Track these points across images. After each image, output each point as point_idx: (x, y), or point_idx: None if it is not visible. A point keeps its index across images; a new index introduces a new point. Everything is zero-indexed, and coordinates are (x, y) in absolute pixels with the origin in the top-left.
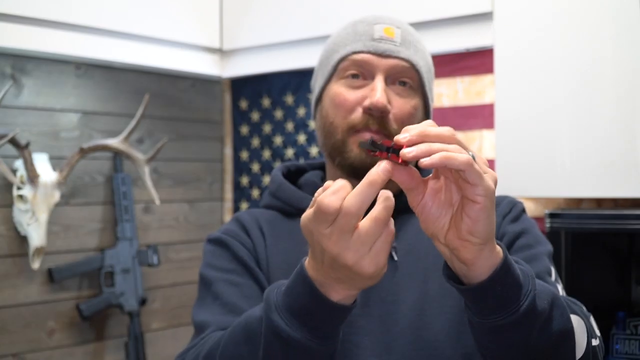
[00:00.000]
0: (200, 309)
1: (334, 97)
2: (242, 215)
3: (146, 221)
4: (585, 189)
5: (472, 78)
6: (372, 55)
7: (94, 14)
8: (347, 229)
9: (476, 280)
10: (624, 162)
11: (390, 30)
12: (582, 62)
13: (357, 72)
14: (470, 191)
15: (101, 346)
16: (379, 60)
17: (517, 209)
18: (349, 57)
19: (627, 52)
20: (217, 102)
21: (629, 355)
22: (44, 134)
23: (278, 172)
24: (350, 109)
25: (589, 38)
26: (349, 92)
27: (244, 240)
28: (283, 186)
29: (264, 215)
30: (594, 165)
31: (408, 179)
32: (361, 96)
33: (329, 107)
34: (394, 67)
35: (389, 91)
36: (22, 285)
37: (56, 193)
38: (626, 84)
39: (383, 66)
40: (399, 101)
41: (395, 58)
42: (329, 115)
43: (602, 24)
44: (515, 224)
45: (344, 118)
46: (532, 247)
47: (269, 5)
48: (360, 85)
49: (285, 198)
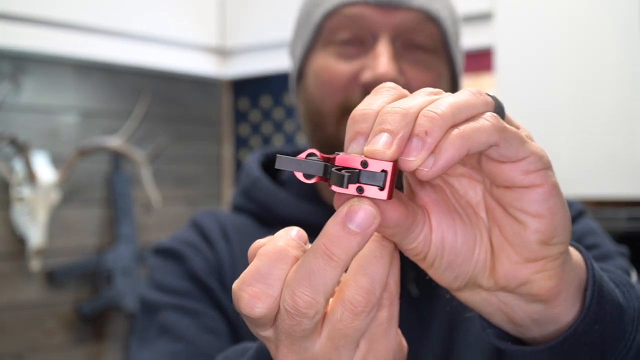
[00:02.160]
0: (140, 347)
1: (319, 72)
2: (202, 219)
3: (146, 221)
4: (585, 189)
5: (472, 78)
6: (372, 8)
7: (94, 14)
8: (300, 334)
9: (559, 323)
10: (624, 161)
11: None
12: (582, 62)
13: (351, 35)
14: (515, 172)
15: (101, 346)
16: (381, 15)
17: (574, 209)
18: (338, 12)
19: (627, 52)
20: (217, 102)
21: None
22: (44, 134)
23: (254, 162)
24: (343, 86)
25: (589, 38)
26: (340, 64)
27: (204, 252)
28: (259, 183)
29: (233, 221)
30: (594, 165)
31: (402, 215)
32: (359, 67)
33: (314, 87)
34: (404, 22)
35: (399, 59)
36: (22, 285)
37: (56, 193)
38: (626, 84)
39: (388, 24)
40: (415, 72)
41: (406, 9)
42: (315, 98)
43: (602, 24)
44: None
45: (335, 100)
46: (600, 246)
47: (269, 6)
48: (356, 54)
49: (260, 199)
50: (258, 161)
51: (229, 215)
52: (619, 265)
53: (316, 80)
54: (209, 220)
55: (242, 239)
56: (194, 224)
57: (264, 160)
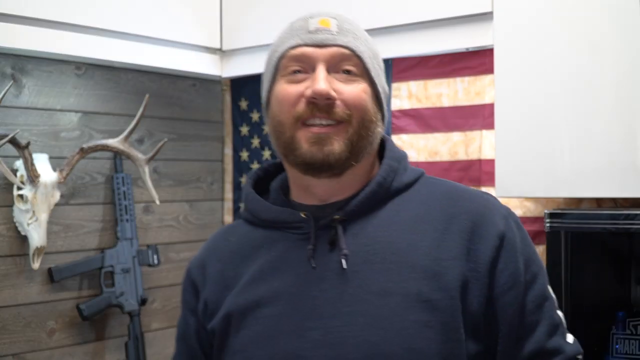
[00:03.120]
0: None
1: (278, 94)
2: (191, 269)
3: (146, 221)
4: (585, 189)
5: (472, 78)
6: (310, 47)
7: (94, 14)
8: None
9: None
10: (624, 162)
11: (325, 21)
12: (582, 62)
13: (299, 67)
14: None
15: (101, 346)
16: (317, 51)
17: (512, 248)
18: (287, 53)
19: (627, 52)
20: (217, 102)
21: (628, 355)
22: (44, 134)
23: (250, 179)
24: (294, 101)
25: (589, 38)
26: (292, 86)
27: (192, 308)
28: (249, 196)
29: (235, 232)
30: (594, 165)
31: None
32: (304, 88)
33: (275, 106)
34: (334, 55)
35: (332, 79)
36: (22, 285)
37: (56, 193)
38: (626, 84)
39: (322, 56)
40: (345, 87)
41: (334, 46)
42: (275, 114)
43: (602, 23)
44: (515, 284)
45: (289, 112)
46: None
47: (268, 6)
48: (302, 79)
49: (251, 209)
50: (252, 178)
51: (233, 227)
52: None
53: (276, 101)
54: (196, 265)
55: (239, 240)
56: (187, 270)
57: (260, 174)
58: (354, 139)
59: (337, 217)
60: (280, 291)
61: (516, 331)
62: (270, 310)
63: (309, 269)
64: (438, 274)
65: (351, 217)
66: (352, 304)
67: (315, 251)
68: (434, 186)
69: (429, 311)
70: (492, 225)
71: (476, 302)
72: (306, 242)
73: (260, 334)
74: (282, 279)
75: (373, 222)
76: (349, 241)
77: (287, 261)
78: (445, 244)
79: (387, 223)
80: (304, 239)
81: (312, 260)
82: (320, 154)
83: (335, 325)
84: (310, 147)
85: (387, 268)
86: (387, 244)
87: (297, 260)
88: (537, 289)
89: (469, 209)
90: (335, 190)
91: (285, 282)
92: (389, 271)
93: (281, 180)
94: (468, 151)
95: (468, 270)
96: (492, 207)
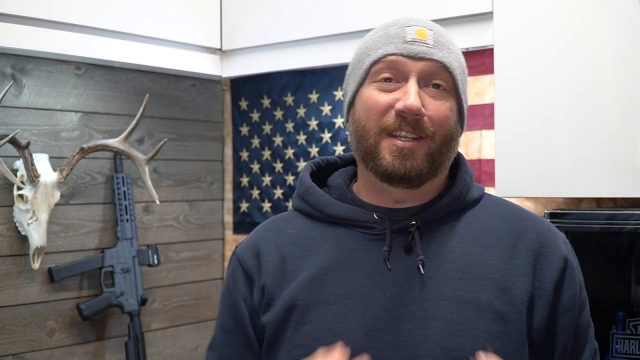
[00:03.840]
0: (208, 349)
1: (366, 100)
2: (243, 250)
3: (146, 221)
4: (585, 189)
5: (472, 78)
6: (405, 58)
7: (94, 14)
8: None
9: None
10: (624, 162)
11: (422, 32)
12: (582, 62)
13: (390, 75)
14: None
15: (101, 346)
16: (411, 63)
17: (573, 275)
18: (382, 59)
19: (627, 52)
20: (217, 102)
21: (628, 355)
22: (44, 134)
23: (306, 172)
24: (383, 111)
25: (589, 38)
26: (382, 95)
27: (245, 297)
28: (311, 190)
29: (292, 223)
30: (594, 165)
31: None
32: (394, 99)
33: (361, 111)
34: (427, 69)
35: (422, 94)
36: (23, 285)
37: (56, 193)
38: (626, 84)
39: (416, 68)
40: (433, 103)
41: (429, 60)
42: (361, 118)
43: (602, 23)
44: (580, 313)
45: (376, 121)
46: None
47: (268, 6)
48: (393, 89)
49: (313, 203)
50: (309, 172)
51: (289, 217)
52: None
53: (363, 106)
54: (249, 254)
55: (299, 232)
56: (253, 240)
57: (313, 168)
58: (435, 154)
59: (414, 222)
60: (349, 290)
61: (569, 351)
62: (339, 308)
63: (382, 270)
64: (507, 288)
65: (426, 224)
66: (426, 309)
67: (389, 253)
68: (498, 204)
69: (499, 323)
70: (556, 248)
71: (539, 319)
72: (377, 243)
73: (326, 330)
74: (352, 277)
75: (446, 232)
76: (424, 247)
77: (358, 260)
78: (514, 260)
79: (460, 235)
80: (376, 239)
81: (388, 262)
82: (403, 168)
83: (408, 328)
84: (394, 160)
85: (460, 277)
86: (460, 254)
87: (369, 261)
88: (585, 315)
89: (535, 229)
90: (410, 196)
91: (356, 281)
92: (462, 280)
93: (342, 176)
94: (468, 151)
95: (534, 288)
96: (555, 231)
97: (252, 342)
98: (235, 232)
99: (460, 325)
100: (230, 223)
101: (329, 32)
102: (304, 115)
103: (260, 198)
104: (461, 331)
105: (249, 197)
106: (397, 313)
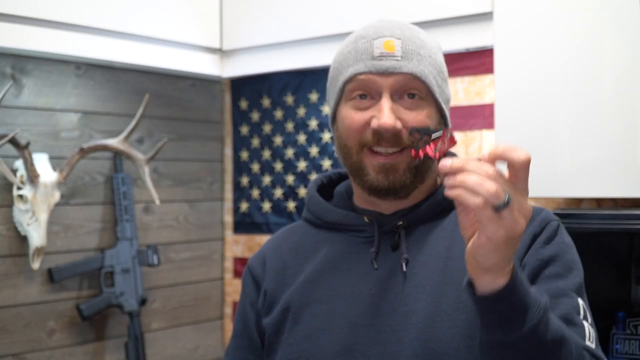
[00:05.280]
0: (224, 356)
1: (343, 119)
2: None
3: (146, 221)
4: (585, 189)
5: (472, 78)
6: (375, 75)
7: (94, 14)
8: None
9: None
10: (624, 162)
11: (390, 43)
12: (582, 62)
13: (364, 92)
14: (479, 227)
15: (101, 346)
16: (382, 79)
17: (551, 228)
18: (353, 79)
19: (627, 51)
20: (217, 102)
21: (629, 355)
22: (44, 134)
23: (313, 184)
24: (360, 129)
25: (589, 38)
26: (357, 113)
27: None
28: (313, 199)
29: (298, 232)
30: (594, 165)
31: None
32: (369, 116)
33: (342, 129)
34: (398, 83)
35: (397, 107)
36: (22, 285)
37: (56, 193)
38: (626, 84)
39: (387, 84)
40: (410, 114)
41: (399, 74)
42: (342, 136)
43: (602, 23)
44: (546, 248)
45: (355, 139)
46: (561, 277)
47: (268, 6)
48: (367, 106)
49: (314, 211)
50: (317, 184)
51: (295, 227)
52: (571, 305)
53: (342, 124)
54: (257, 261)
55: (302, 239)
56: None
57: (324, 180)
58: (418, 164)
59: (401, 223)
60: (338, 289)
61: None
62: (328, 307)
63: (370, 270)
64: None
65: (413, 224)
66: (407, 304)
67: (377, 254)
68: None
69: None
70: (538, 216)
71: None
72: (368, 245)
73: (316, 329)
74: (341, 277)
75: (434, 230)
76: (410, 246)
77: (348, 262)
78: None
79: (447, 231)
80: (366, 242)
81: (375, 262)
82: (386, 182)
83: (389, 323)
84: (377, 175)
85: (442, 270)
86: (445, 249)
87: (358, 262)
88: (567, 264)
89: None
90: (399, 204)
91: (345, 281)
92: (443, 273)
93: (346, 185)
94: (468, 151)
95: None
96: (539, 208)
97: (256, 345)
98: (235, 232)
99: (438, 317)
100: (230, 223)
101: (329, 32)
102: (304, 115)
103: (260, 198)
104: (439, 323)
105: (248, 197)
106: (381, 309)
